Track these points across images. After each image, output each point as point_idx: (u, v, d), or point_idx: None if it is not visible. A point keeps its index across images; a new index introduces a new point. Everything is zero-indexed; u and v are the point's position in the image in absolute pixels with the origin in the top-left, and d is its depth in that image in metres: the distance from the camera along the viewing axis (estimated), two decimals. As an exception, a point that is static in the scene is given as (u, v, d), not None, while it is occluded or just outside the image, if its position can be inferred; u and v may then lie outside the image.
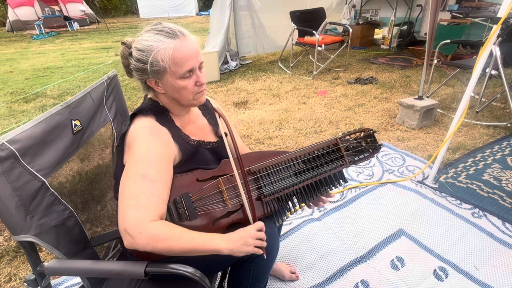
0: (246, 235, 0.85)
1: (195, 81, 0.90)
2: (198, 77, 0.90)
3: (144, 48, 0.86)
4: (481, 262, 1.51)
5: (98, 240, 1.01)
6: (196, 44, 0.90)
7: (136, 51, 0.87)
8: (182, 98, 0.92)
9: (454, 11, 5.10)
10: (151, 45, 0.85)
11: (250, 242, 0.85)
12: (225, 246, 0.82)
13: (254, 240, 0.86)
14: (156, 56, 0.84)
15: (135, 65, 0.88)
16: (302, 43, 4.73)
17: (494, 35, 1.71)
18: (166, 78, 0.88)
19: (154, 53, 0.84)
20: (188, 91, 0.90)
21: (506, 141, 2.56)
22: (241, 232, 0.86)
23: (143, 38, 0.87)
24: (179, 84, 0.88)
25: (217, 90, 4.14)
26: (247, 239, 0.85)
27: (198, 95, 0.93)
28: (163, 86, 0.91)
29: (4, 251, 1.67)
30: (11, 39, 10.02)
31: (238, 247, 0.83)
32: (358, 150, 1.13)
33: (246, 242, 0.84)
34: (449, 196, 1.96)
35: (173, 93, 0.91)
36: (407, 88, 3.86)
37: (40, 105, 3.86)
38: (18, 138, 0.77)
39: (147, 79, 0.90)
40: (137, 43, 0.88)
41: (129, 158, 0.87)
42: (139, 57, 0.87)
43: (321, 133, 2.83)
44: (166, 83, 0.89)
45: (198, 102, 0.95)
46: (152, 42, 0.85)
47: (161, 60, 0.85)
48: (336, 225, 1.77)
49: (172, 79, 0.88)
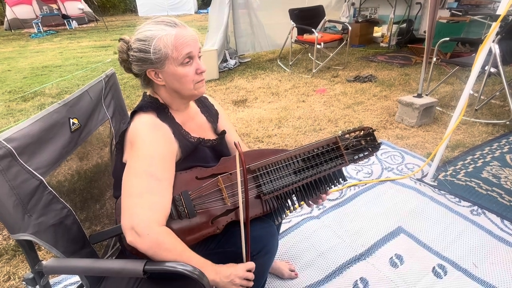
0: (235, 273, 0.86)
1: (195, 69, 0.91)
2: (198, 65, 0.92)
3: (146, 37, 0.87)
4: (480, 260, 1.51)
5: (96, 238, 1.01)
6: (195, 34, 0.92)
7: (137, 42, 0.88)
8: (183, 87, 0.92)
9: (453, 9, 5.09)
10: (152, 33, 0.87)
11: (237, 282, 0.86)
12: (212, 278, 0.83)
13: (241, 280, 0.87)
14: (158, 43, 0.86)
15: (135, 56, 0.89)
16: (301, 41, 4.73)
17: (493, 33, 1.71)
18: (167, 66, 0.89)
19: (155, 40, 0.86)
20: (189, 79, 0.91)
21: (505, 138, 2.56)
22: (231, 269, 0.87)
23: (144, 29, 0.89)
24: (180, 72, 0.89)
25: (216, 88, 4.13)
26: (235, 278, 0.86)
27: (199, 84, 0.94)
28: (163, 76, 0.91)
29: (3, 250, 1.67)
30: (9, 38, 9.97)
31: (223, 283, 0.85)
32: (358, 149, 1.13)
33: (232, 281, 0.86)
34: (448, 193, 1.96)
35: (173, 82, 0.91)
36: (406, 86, 3.86)
37: (38, 103, 3.85)
38: (16, 136, 0.77)
39: (147, 69, 0.90)
40: (137, 35, 0.89)
41: (132, 155, 0.87)
42: (140, 47, 0.88)
43: (320, 131, 2.83)
44: (167, 72, 0.90)
45: (198, 92, 0.95)
46: (154, 31, 0.87)
47: (163, 46, 0.86)
48: (335, 223, 1.77)
49: (173, 67, 0.89)
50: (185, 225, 0.89)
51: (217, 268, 0.86)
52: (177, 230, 0.87)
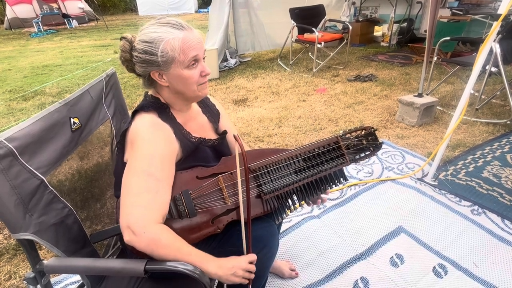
0: (238, 265, 0.86)
1: (200, 71, 0.92)
2: (203, 67, 0.93)
3: (152, 39, 0.87)
4: (480, 259, 1.51)
5: (97, 237, 1.01)
6: (200, 37, 0.92)
7: (142, 43, 0.88)
8: (187, 89, 0.92)
9: (454, 8, 5.09)
10: (159, 36, 0.86)
11: (239, 274, 0.86)
12: (215, 272, 0.83)
13: (243, 272, 0.86)
14: (165, 47, 0.86)
15: (140, 57, 0.88)
16: (302, 41, 4.72)
17: (494, 32, 1.70)
18: (172, 68, 0.89)
19: (163, 43, 0.86)
20: (194, 81, 0.91)
21: (506, 138, 2.56)
22: (233, 261, 0.86)
23: (149, 30, 0.88)
24: (185, 75, 0.89)
25: (216, 87, 4.12)
26: (238, 270, 0.85)
27: (202, 86, 0.94)
28: (167, 78, 0.91)
29: (4, 249, 1.67)
30: (9, 37, 9.97)
31: (226, 275, 0.84)
32: (359, 149, 1.13)
33: (235, 273, 0.85)
34: (448, 193, 1.96)
35: (177, 84, 0.92)
36: (406, 86, 3.86)
37: (39, 103, 3.85)
38: (16, 136, 0.77)
39: (152, 71, 0.90)
40: (142, 36, 0.88)
41: (133, 154, 0.87)
42: (146, 49, 0.87)
43: (320, 131, 2.82)
44: (172, 74, 0.90)
45: (202, 94, 0.96)
46: (160, 33, 0.87)
47: (171, 50, 0.86)
48: (336, 222, 1.77)
49: (178, 69, 0.89)
50: (186, 224, 0.89)
51: (219, 262, 0.85)
52: (177, 229, 0.87)
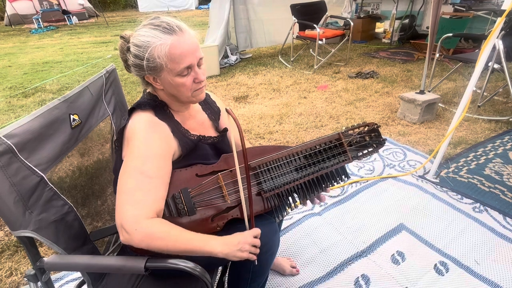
0: (243, 240, 0.85)
1: (193, 78, 0.88)
2: (197, 74, 0.88)
3: (141, 44, 0.84)
4: (481, 257, 1.50)
5: (97, 235, 1.01)
6: (195, 39, 0.87)
7: (133, 47, 0.85)
8: (180, 95, 0.90)
9: (457, 4, 5.05)
10: (147, 40, 0.83)
11: (246, 248, 0.85)
12: (220, 249, 0.82)
13: (249, 246, 0.86)
14: (153, 53, 0.83)
15: (133, 60, 0.87)
16: (303, 37, 4.69)
17: (498, 29, 1.69)
18: (163, 75, 0.86)
19: (150, 49, 0.83)
20: (187, 88, 0.88)
21: (508, 135, 2.54)
22: (238, 237, 0.86)
23: (140, 33, 0.85)
24: (177, 82, 0.86)
25: (217, 84, 4.11)
26: (244, 245, 0.85)
27: (197, 92, 0.91)
28: (161, 82, 0.89)
29: (4, 246, 1.67)
30: (10, 33, 9.95)
31: (233, 252, 0.83)
32: (362, 145, 1.11)
33: (242, 248, 0.84)
34: (450, 190, 1.96)
35: (171, 89, 0.90)
36: (408, 83, 3.83)
37: (39, 99, 3.84)
38: (16, 132, 0.76)
39: (145, 75, 0.89)
40: (134, 38, 0.86)
41: (127, 153, 0.87)
42: (136, 53, 0.85)
43: (321, 128, 2.81)
44: (164, 79, 0.87)
45: (197, 99, 0.93)
46: (149, 38, 0.83)
47: (157, 57, 0.83)
48: (337, 219, 1.77)
49: (169, 76, 0.86)
50: (185, 222, 0.89)
51: (223, 239, 0.85)
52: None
